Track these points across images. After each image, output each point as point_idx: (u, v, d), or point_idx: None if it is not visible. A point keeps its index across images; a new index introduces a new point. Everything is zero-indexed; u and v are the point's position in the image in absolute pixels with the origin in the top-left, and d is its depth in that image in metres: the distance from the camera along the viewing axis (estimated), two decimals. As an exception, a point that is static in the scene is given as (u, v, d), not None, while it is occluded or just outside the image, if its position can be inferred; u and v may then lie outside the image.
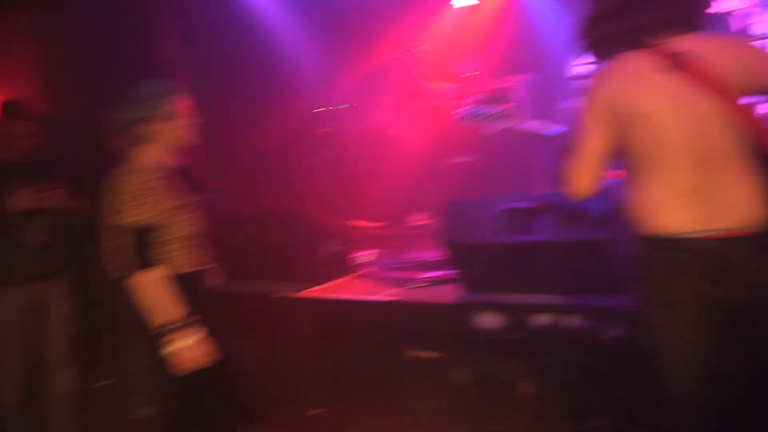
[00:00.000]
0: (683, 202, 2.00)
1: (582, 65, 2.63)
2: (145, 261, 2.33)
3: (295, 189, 6.94)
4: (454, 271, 3.82)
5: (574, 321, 3.30)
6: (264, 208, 6.69)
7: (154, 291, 2.32)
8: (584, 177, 2.21)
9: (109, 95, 4.99)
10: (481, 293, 3.68)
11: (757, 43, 2.08)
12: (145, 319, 2.34)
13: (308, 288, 4.35)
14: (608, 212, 3.27)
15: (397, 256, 5.08)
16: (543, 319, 3.37)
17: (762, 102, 2.19)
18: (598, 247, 3.26)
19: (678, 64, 1.96)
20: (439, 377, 4.05)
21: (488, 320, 3.50)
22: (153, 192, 2.35)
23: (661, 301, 2.10)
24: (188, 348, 2.36)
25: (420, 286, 4.05)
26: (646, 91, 2.03)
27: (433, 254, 4.68)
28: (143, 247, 2.34)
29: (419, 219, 5.99)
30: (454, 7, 8.54)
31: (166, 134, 2.49)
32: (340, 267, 4.70)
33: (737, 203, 1.96)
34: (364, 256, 5.04)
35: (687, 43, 2.00)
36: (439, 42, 7.28)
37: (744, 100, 1.96)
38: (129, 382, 3.85)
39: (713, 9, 2.08)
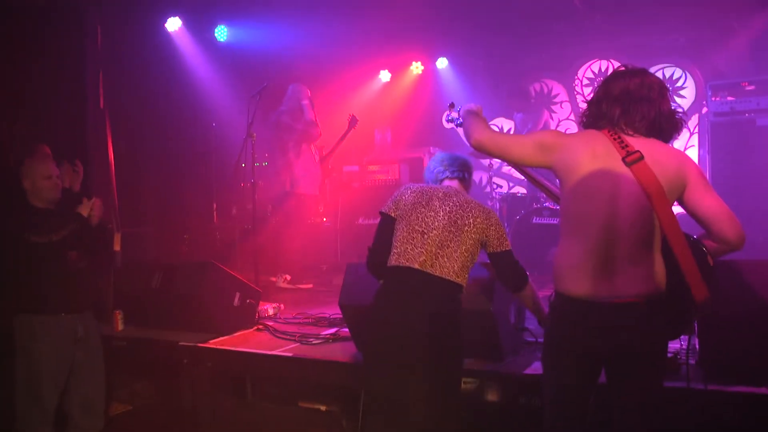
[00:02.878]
0: (589, 270, 2.34)
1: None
2: None
3: (209, 239, 7.02)
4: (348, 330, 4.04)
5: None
6: (177, 257, 6.71)
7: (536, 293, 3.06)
8: (486, 140, 2.58)
9: (31, 138, 5.07)
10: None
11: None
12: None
13: (213, 338, 4.45)
14: (491, 285, 3.57)
15: (299, 311, 5.22)
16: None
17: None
18: (482, 316, 3.51)
19: (629, 155, 2.33)
20: (331, 429, 4.21)
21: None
22: None
23: (553, 346, 2.52)
24: None
25: (316, 343, 4.22)
26: (592, 160, 2.36)
27: (333, 311, 4.89)
28: None
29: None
30: (381, 81, 9.23)
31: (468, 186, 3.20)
32: (246, 319, 4.82)
33: (632, 278, 2.32)
34: (269, 309, 5.18)
35: (644, 143, 2.36)
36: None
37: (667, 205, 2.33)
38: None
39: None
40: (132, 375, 4.91)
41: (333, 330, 4.45)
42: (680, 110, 2.49)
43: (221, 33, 7.91)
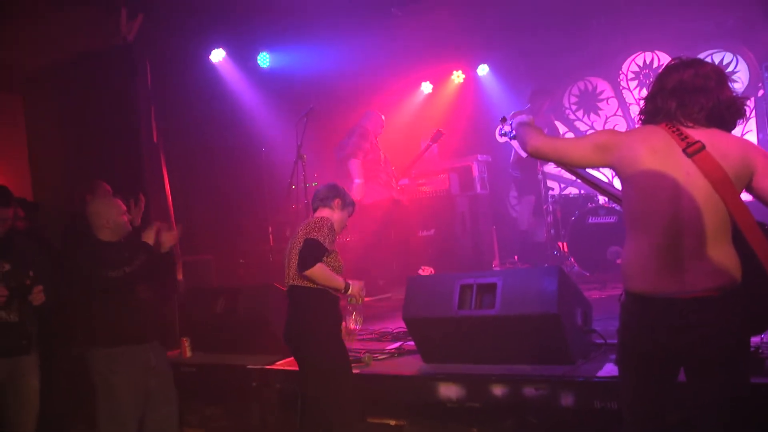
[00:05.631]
0: (658, 266, 2.28)
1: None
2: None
3: (265, 262, 7.10)
4: (414, 344, 4.02)
5: (528, 390, 3.49)
6: (236, 281, 6.81)
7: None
8: (543, 146, 2.60)
9: (90, 176, 5.25)
10: (438, 365, 3.88)
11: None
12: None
13: (280, 359, 4.50)
14: (557, 288, 3.52)
15: (362, 327, 5.21)
16: (499, 389, 3.56)
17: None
18: (548, 320, 3.49)
19: (689, 146, 2.28)
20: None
21: (446, 390, 3.68)
22: (331, 234, 3.58)
23: (627, 346, 2.45)
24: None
25: (382, 358, 4.23)
26: (652, 155, 2.32)
27: (395, 326, 4.89)
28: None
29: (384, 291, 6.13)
30: (424, 92, 9.26)
31: (339, 212, 3.76)
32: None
33: (703, 271, 2.25)
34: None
35: (705, 133, 2.31)
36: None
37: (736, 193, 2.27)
38: None
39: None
40: (202, 400, 4.98)
41: (397, 344, 4.45)
42: (742, 96, 2.42)
43: (264, 60, 8.05)
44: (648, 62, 8.48)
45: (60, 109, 6.47)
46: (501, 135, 3.26)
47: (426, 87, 9.28)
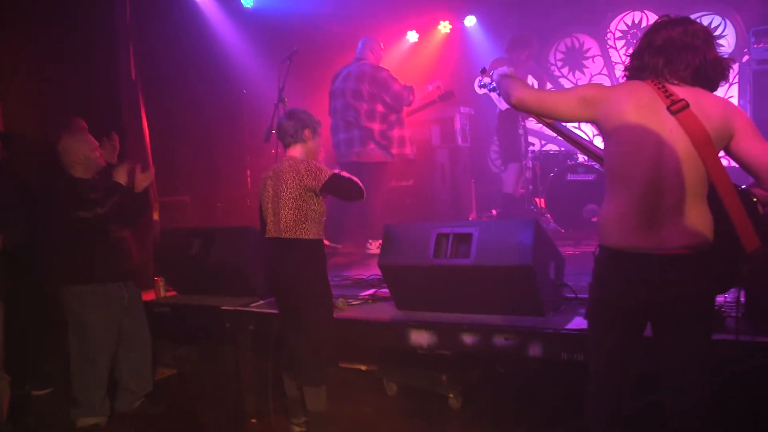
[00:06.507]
0: (636, 221, 2.29)
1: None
2: None
3: (242, 206, 7.06)
4: (388, 291, 4.06)
5: (497, 339, 3.55)
6: (213, 224, 6.77)
7: None
8: (528, 97, 2.57)
9: (66, 112, 5.12)
10: (411, 312, 3.93)
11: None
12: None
13: (254, 302, 4.52)
14: (532, 241, 3.56)
15: (335, 273, 5.24)
16: (470, 338, 3.62)
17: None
18: (522, 271, 3.52)
19: (674, 104, 2.29)
20: (373, 389, 4.28)
21: (417, 337, 3.74)
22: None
23: (600, 300, 2.49)
24: None
25: (355, 304, 4.26)
26: (636, 110, 2.33)
27: (370, 273, 4.93)
28: None
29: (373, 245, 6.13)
30: (409, 41, 9.12)
31: (312, 141, 3.69)
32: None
33: (680, 229, 2.28)
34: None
35: (689, 92, 2.32)
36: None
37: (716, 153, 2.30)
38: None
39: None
40: (175, 340, 5.02)
41: (371, 291, 4.49)
42: (727, 57, 2.42)
43: (247, -1, 7.86)
44: (636, 22, 8.41)
45: (34, 44, 6.25)
46: (480, 86, 3.22)
47: (412, 36, 9.14)
